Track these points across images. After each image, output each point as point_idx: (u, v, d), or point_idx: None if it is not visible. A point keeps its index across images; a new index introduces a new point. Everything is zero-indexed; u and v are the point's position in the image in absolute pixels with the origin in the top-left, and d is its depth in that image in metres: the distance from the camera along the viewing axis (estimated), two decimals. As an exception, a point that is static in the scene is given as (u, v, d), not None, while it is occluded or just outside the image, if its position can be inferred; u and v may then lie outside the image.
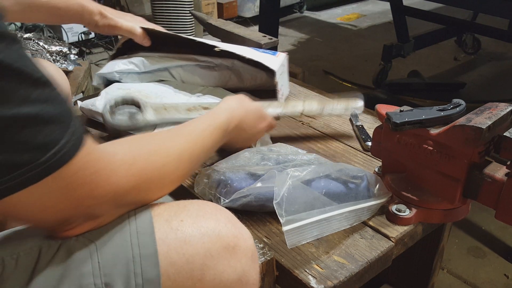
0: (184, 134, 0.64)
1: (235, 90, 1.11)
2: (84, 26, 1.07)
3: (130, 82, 1.10)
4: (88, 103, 1.00)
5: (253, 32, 1.28)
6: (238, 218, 0.60)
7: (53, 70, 0.90)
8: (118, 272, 0.49)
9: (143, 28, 1.06)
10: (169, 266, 0.51)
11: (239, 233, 0.57)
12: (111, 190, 0.48)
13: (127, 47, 1.12)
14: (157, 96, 1.03)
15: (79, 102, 1.02)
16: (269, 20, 2.17)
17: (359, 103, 0.98)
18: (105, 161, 0.48)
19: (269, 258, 0.66)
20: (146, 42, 1.08)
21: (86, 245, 0.50)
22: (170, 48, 1.17)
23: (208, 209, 0.57)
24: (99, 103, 0.97)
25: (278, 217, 0.64)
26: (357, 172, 0.77)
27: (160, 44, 1.12)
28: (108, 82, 1.11)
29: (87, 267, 0.48)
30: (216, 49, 1.06)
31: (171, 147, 0.59)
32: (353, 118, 1.07)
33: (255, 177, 0.75)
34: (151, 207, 0.56)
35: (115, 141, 0.54)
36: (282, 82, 1.08)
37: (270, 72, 1.04)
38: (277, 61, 1.05)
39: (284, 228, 0.63)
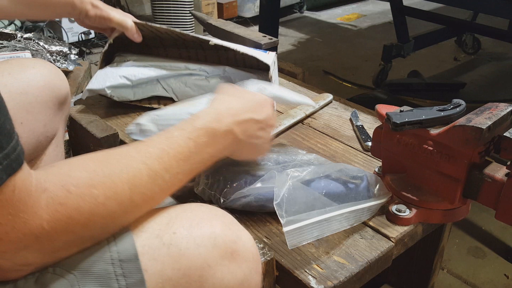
0: (144, 150, 0.51)
1: None
2: (74, 21, 1.03)
3: (123, 97, 1.07)
4: (134, 131, 0.89)
5: (253, 32, 1.28)
6: (237, 218, 0.59)
7: (51, 71, 0.89)
8: None
9: (134, 23, 1.05)
10: (165, 283, 0.49)
11: (237, 237, 0.55)
12: (31, 234, 0.40)
13: (118, 45, 1.10)
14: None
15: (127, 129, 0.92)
16: (269, 20, 2.17)
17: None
18: (30, 199, 0.40)
19: (269, 259, 0.66)
20: (138, 37, 1.06)
21: (65, 277, 0.46)
22: (159, 52, 1.16)
23: (202, 215, 0.54)
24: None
25: (279, 217, 0.64)
26: (357, 172, 0.77)
27: (150, 46, 1.10)
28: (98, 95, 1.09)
29: None
30: (210, 42, 1.06)
31: (121, 170, 0.47)
32: (353, 118, 1.07)
33: (255, 177, 0.75)
34: (139, 221, 0.51)
35: (54, 167, 0.45)
36: (274, 79, 1.09)
37: (264, 67, 1.05)
38: (269, 58, 1.06)
39: (285, 229, 0.63)
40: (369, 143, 0.95)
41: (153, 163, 0.51)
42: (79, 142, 1.05)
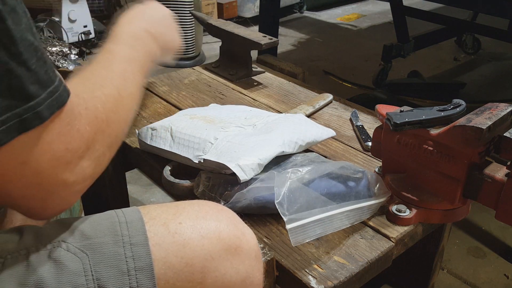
0: (116, 68, 0.61)
1: None
2: (74, 21, 0.94)
3: None
4: (145, 134, 0.91)
5: (253, 32, 1.28)
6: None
7: None
8: (113, 284, 0.48)
9: None
10: (168, 270, 0.50)
11: (241, 233, 0.56)
12: (83, 144, 0.47)
13: None
14: (221, 120, 0.92)
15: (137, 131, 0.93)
16: (269, 20, 2.17)
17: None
18: (76, 112, 0.47)
19: (269, 258, 0.66)
20: None
21: (78, 256, 0.48)
22: None
23: (208, 209, 0.56)
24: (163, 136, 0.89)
25: (281, 215, 0.64)
26: (358, 168, 0.77)
27: None
28: None
29: (80, 279, 0.47)
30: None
31: (112, 80, 0.58)
32: (353, 118, 1.07)
33: (255, 180, 0.75)
34: (148, 210, 0.55)
35: (73, 84, 0.50)
36: None
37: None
38: None
39: (288, 226, 0.63)
40: (369, 143, 0.95)
41: (126, 74, 0.60)
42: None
